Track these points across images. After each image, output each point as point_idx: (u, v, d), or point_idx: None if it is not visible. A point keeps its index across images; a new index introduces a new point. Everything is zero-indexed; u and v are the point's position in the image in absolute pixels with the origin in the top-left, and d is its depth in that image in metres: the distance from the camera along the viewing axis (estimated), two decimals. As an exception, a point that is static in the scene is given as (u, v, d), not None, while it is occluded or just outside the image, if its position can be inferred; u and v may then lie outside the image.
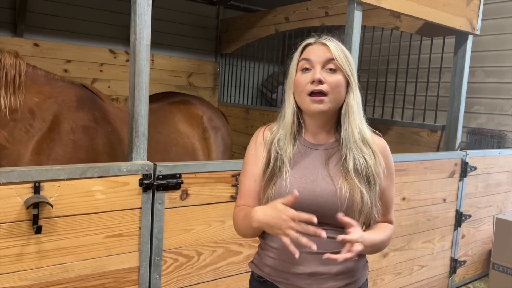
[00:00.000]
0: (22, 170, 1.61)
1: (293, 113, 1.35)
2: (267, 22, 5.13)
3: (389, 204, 1.41)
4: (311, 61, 1.30)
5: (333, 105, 1.29)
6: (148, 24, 1.89)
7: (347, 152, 1.29)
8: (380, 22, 3.92)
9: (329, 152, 1.34)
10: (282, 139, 1.35)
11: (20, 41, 4.52)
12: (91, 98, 2.39)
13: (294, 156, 1.34)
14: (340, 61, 1.29)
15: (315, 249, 1.13)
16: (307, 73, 1.30)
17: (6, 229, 1.60)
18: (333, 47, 1.30)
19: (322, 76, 1.27)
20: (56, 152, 2.07)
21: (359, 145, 1.29)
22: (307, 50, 1.34)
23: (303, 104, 1.31)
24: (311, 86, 1.27)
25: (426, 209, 3.16)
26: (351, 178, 1.27)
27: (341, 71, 1.30)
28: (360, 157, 1.28)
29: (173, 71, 5.65)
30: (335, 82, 1.28)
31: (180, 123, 2.93)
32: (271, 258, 1.35)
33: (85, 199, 1.75)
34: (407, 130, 3.93)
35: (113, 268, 1.87)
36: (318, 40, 1.34)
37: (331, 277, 1.29)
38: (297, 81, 1.32)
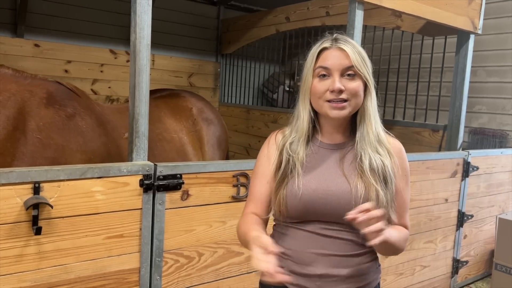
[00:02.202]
0: (22, 170, 1.60)
1: (309, 119, 1.33)
2: (268, 22, 5.12)
3: (404, 207, 1.37)
4: (329, 69, 1.26)
5: (353, 109, 1.28)
6: (149, 23, 1.88)
7: (362, 152, 1.28)
8: (381, 21, 3.91)
9: (344, 152, 1.33)
10: (295, 142, 1.34)
11: (21, 42, 4.51)
12: (64, 94, 2.29)
13: (307, 157, 1.32)
14: (359, 67, 1.26)
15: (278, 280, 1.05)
16: (325, 80, 1.27)
17: (5, 230, 1.59)
18: (351, 52, 1.26)
19: (342, 85, 1.24)
20: (21, 151, 2.00)
21: (375, 146, 1.28)
22: (323, 56, 1.29)
23: (321, 110, 1.29)
24: (330, 95, 1.25)
25: (428, 209, 3.14)
26: (366, 177, 1.25)
27: (359, 76, 1.27)
28: (376, 157, 1.27)
29: (174, 71, 5.64)
30: (355, 88, 1.26)
31: (167, 117, 2.86)
32: (281, 259, 1.30)
33: (85, 199, 1.74)
34: (409, 130, 3.92)
35: (113, 269, 1.86)
36: (334, 45, 1.29)
37: (341, 279, 1.27)
38: (315, 88, 1.28)
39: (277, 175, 1.33)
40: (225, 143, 3.29)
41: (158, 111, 2.82)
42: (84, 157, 2.24)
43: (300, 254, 1.29)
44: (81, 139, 2.27)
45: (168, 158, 2.66)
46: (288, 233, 1.33)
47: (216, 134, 3.15)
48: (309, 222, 1.29)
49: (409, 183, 1.37)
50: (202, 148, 3.02)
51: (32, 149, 2.07)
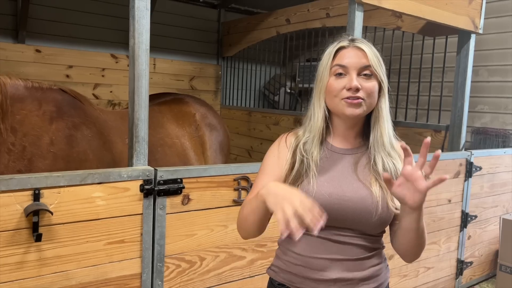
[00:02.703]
0: (21, 177, 1.60)
1: (323, 118, 1.32)
2: (268, 25, 5.12)
3: None
4: (346, 67, 1.26)
5: (368, 109, 1.28)
6: (147, 28, 1.88)
7: (375, 156, 1.28)
8: (382, 22, 3.90)
9: (357, 157, 1.32)
10: (309, 142, 1.33)
11: (22, 47, 4.54)
12: (70, 103, 2.33)
13: (320, 160, 1.31)
14: (376, 67, 1.27)
15: (316, 234, 1.07)
16: (342, 79, 1.26)
17: (6, 237, 1.58)
18: (369, 52, 1.27)
19: (358, 83, 1.24)
20: (37, 167, 2.03)
21: (388, 150, 1.29)
22: (340, 54, 1.29)
23: (336, 108, 1.28)
24: (346, 93, 1.25)
25: (431, 210, 3.12)
26: (380, 180, 1.25)
27: (375, 77, 1.28)
28: (388, 161, 1.28)
29: (175, 74, 5.65)
30: (370, 88, 1.26)
31: (169, 123, 2.87)
32: (293, 265, 1.31)
33: (86, 205, 1.74)
34: (411, 130, 3.90)
35: (114, 275, 1.85)
36: (352, 44, 1.30)
37: (356, 282, 1.27)
38: (331, 86, 1.28)
39: (289, 176, 1.30)
40: (227, 148, 3.29)
41: (161, 117, 2.83)
42: (91, 166, 2.26)
43: (313, 260, 1.27)
44: (88, 147, 2.30)
45: (170, 163, 2.66)
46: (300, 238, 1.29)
47: (218, 139, 3.16)
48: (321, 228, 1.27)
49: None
50: (205, 153, 3.03)
51: (47, 163, 2.10)
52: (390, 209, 1.24)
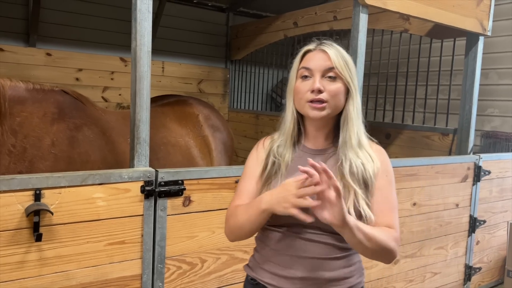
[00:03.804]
0: (23, 177, 1.62)
1: (293, 119, 1.37)
2: (276, 28, 5.13)
3: (387, 205, 1.34)
4: (311, 69, 1.31)
5: (333, 111, 1.31)
6: (149, 30, 1.89)
7: (344, 157, 1.31)
8: (389, 25, 3.88)
9: (326, 157, 1.36)
10: (282, 145, 1.38)
11: (33, 51, 4.60)
12: (72, 105, 2.35)
13: (292, 161, 1.36)
14: (340, 69, 1.30)
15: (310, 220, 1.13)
16: (307, 81, 1.31)
17: (7, 236, 1.60)
18: (333, 55, 1.30)
19: (321, 85, 1.28)
20: (38, 168, 2.05)
21: (356, 150, 1.31)
22: (307, 57, 1.34)
23: (303, 110, 1.32)
24: (310, 95, 1.29)
25: (438, 215, 3.08)
26: (346, 179, 1.28)
27: (341, 79, 1.31)
28: (357, 161, 1.30)
29: (184, 78, 5.68)
30: (334, 90, 1.29)
31: (172, 122, 2.88)
32: (263, 261, 1.35)
33: (86, 206, 1.75)
34: (418, 134, 3.86)
35: (115, 275, 1.86)
36: (318, 47, 1.34)
37: (322, 282, 1.28)
38: (297, 88, 1.33)
39: (262, 176, 1.37)
40: (231, 149, 3.29)
41: (163, 117, 2.84)
42: (92, 167, 2.27)
43: (281, 256, 1.30)
44: (89, 148, 2.31)
45: (173, 161, 2.67)
46: (271, 235, 1.34)
47: (222, 140, 3.16)
48: (292, 225, 1.30)
49: (393, 184, 1.37)
50: (211, 154, 3.03)
51: (48, 164, 2.11)
52: (352, 211, 1.24)
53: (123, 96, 5.21)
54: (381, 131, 4.19)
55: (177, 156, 2.71)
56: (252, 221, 1.28)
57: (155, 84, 5.34)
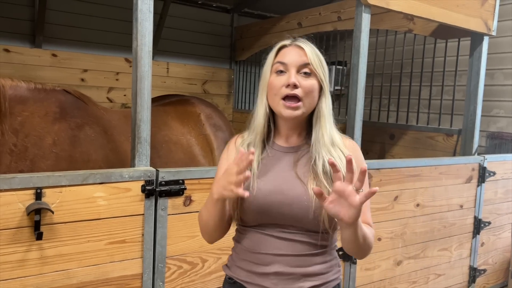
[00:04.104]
0: (24, 176, 1.63)
1: (265, 115, 1.34)
2: (280, 28, 5.12)
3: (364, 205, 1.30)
4: (286, 64, 1.29)
5: (307, 110, 1.30)
6: (150, 30, 1.90)
7: (317, 155, 1.28)
8: (393, 25, 3.86)
9: (298, 155, 1.33)
10: (252, 143, 1.35)
11: (39, 52, 4.64)
12: (73, 104, 2.36)
13: (263, 160, 1.34)
14: (315, 66, 1.29)
15: (247, 195, 1.13)
16: (282, 76, 1.29)
17: (8, 235, 1.62)
18: (309, 51, 1.29)
19: (297, 80, 1.26)
20: (39, 167, 2.06)
21: (329, 148, 1.29)
22: (282, 52, 1.32)
23: (276, 107, 1.30)
24: (285, 90, 1.27)
25: (441, 216, 3.06)
26: (319, 179, 1.25)
27: (315, 76, 1.30)
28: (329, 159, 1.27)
29: (188, 78, 5.69)
30: (309, 87, 1.28)
31: (174, 121, 2.89)
32: (240, 260, 1.34)
33: (87, 205, 1.76)
34: (422, 134, 3.83)
35: (115, 274, 1.87)
36: (294, 43, 1.33)
37: (297, 277, 1.27)
38: (271, 83, 1.30)
39: None
40: None
41: (165, 115, 2.85)
42: (94, 166, 2.28)
43: (258, 255, 1.29)
44: (91, 147, 2.32)
45: (174, 159, 2.68)
46: (247, 235, 1.33)
47: (224, 140, 3.16)
48: (266, 225, 1.29)
49: (367, 182, 1.31)
50: (212, 153, 3.03)
51: (50, 163, 2.13)
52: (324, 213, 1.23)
53: (128, 97, 5.23)
54: (385, 131, 4.17)
55: (179, 154, 2.71)
56: (212, 214, 1.28)
57: (160, 85, 5.36)
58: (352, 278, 2.65)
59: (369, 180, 2.62)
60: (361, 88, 2.60)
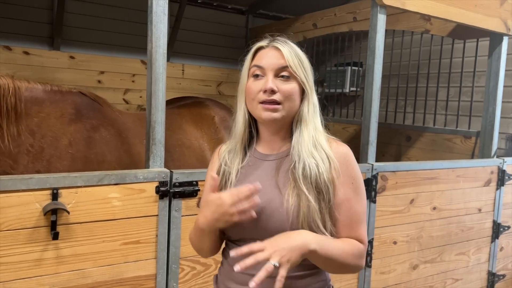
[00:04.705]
0: (41, 177, 1.65)
1: (244, 121, 1.27)
2: (295, 30, 5.11)
3: (355, 218, 1.21)
4: (263, 68, 1.21)
5: (287, 113, 1.21)
6: (164, 32, 1.91)
7: (297, 158, 1.19)
8: (410, 25, 3.81)
9: (279, 162, 1.24)
10: (232, 150, 1.30)
11: (57, 54, 4.72)
12: (89, 106, 2.38)
13: (242, 168, 1.27)
14: (294, 68, 1.20)
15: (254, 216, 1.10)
16: (259, 80, 1.21)
17: (25, 234, 1.64)
18: (287, 53, 1.20)
19: (274, 85, 1.18)
20: (55, 167, 2.09)
21: (310, 150, 1.19)
22: (259, 55, 1.24)
23: (255, 111, 1.22)
24: (263, 96, 1.19)
25: (459, 219, 3.00)
26: (298, 186, 1.16)
27: (295, 79, 1.22)
28: (310, 162, 1.18)
29: (203, 80, 5.72)
30: (288, 91, 1.20)
31: (188, 124, 2.90)
32: (224, 276, 1.29)
33: (102, 206, 1.78)
34: (439, 136, 3.77)
35: (130, 275, 1.88)
36: (270, 44, 1.24)
37: None
38: (249, 88, 1.22)
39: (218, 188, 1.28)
40: None
41: (179, 118, 2.87)
42: (108, 167, 2.31)
43: (238, 274, 1.19)
44: (106, 149, 2.35)
45: (187, 164, 2.69)
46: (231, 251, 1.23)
47: None
48: (247, 240, 1.19)
49: (361, 192, 1.23)
50: None
51: (65, 163, 2.16)
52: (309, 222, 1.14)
53: (144, 98, 5.28)
54: (401, 133, 4.11)
55: (192, 159, 2.73)
56: (206, 242, 1.25)
57: (175, 86, 5.40)
58: (367, 281, 2.62)
59: (385, 182, 2.59)
60: (377, 89, 2.57)
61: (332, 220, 1.19)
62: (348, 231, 1.20)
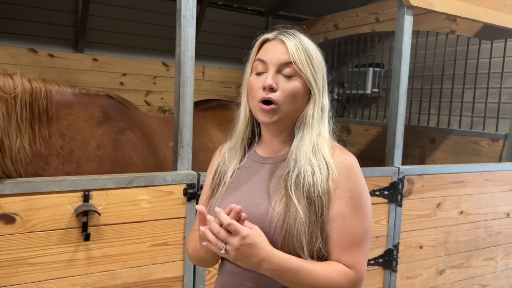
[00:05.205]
0: (73, 179, 1.68)
1: (246, 119, 1.19)
2: (316, 31, 5.08)
3: (350, 239, 1.05)
4: (266, 63, 1.10)
5: (286, 115, 1.10)
6: (193, 36, 1.92)
7: (292, 164, 1.09)
8: (435, 26, 3.75)
9: (276, 166, 1.14)
10: (232, 148, 1.22)
11: (81, 57, 4.80)
12: (116, 108, 2.41)
13: (238, 170, 1.19)
14: (300, 65, 1.08)
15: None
16: (261, 76, 1.11)
17: (58, 235, 1.67)
18: (293, 47, 1.08)
19: (275, 83, 1.07)
20: (84, 169, 2.12)
21: (309, 157, 1.08)
22: (263, 48, 1.14)
23: (254, 111, 1.13)
24: (262, 93, 1.08)
25: (486, 224, 2.94)
26: (288, 194, 1.05)
27: (300, 77, 1.10)
28: (306, 170, 1.06)
29: (223, 82, 5.74)
30: (289, 90, 1.08)
31: (212, 128, 2.90)
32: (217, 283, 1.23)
33: (131, 208, 1.80)
34: (465, 139, 3.70)
35: (158, 276, 1.90)
36: (277, 36, 1.13)
37: None
38: (250, 84, 1.13)
39: (211, 187, 1.22)
40: None
41: (204, 122, 2.88)
42: (135, 169, 2.33)
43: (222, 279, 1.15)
44: (132, 151, 2.37)
45: None
46: (222, 263, 1.18)
47: None
48: None
49: (360, 210, 1.07)
50: None
51: (94, 165, 2.19)
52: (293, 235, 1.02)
53: (165, 100, 5.33)
54: (425, 135, 4.05)
55: None
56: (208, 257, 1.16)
57: (196, 88, 5.37)
58: (392, 286, 2.59)
59: (411, 186, 2.55)
60: (403, 91, 2.54)
61: (323, 236, 1.05)
62: (338, 253, 1.05)
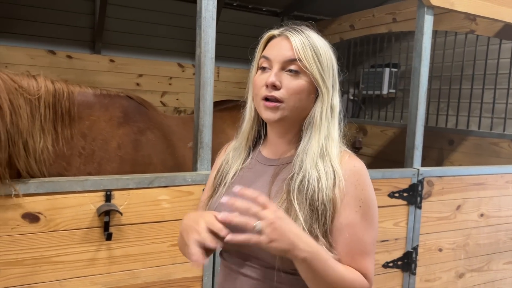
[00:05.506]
0: (95, 179, 1.70)
1: (251, 119, 1.17)
2: (332, 31, 5.06)
3: (358, 248, 1.02)
4: (270, 60, 1.07)
5: (291, 114, 1.07)
6: (213, 37, 1.93)
7: (297, 168, 1.05)
8: (453, 26, 3.70)
9: (279, 168, 1.11)
10: (237, 148, 1.20)
11: (98, 58, 4.86)
12: (136, 109, 2.42)
13: (242, 170, 1.16)
14: (305, 62, 1.04)
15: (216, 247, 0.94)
16: (265, 74, 1.08)
17: (80, 234, 1.69)
18: (298, 43, 1.05)
19: (278, 80, 1.04)
20: (105, 169, 2.14)
21: (316, 161, 1.04)
22: (269, 45, 1.11)
23: (258, 109, 1.11)
24: (264, 91, 1.06)
25: (508, 227, 2.89)
26: (290, 199, 1.01)
27: (305, 74, 1.06)
28: (312, 175, 1.02)
29: (238, 82, 5.76)
30: (293, 88, 1.05)
31: (229, 128, 2.91)
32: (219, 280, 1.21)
33: (152, 207, 1.81)
34: (485, 140, 3.64)
35: (177, 276, 1.90)
36: (282, 33, 1.10)
37: None
38: (254, 81, 1.10)
39: (213, 185, 1.20)
40: None
41: (221, 122, 2.89)
42: (155, 169, 2.35)
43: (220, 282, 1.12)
44: (152, 151, 2.39)
45: None
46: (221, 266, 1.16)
47: None
48: (230, 254, 1.10)
49: (370, 219, 1.04)
50: None
51: (115, 166, 2.21)
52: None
53: (181, 101, 5.37)
54: (443, 137, 4.00)
55: None
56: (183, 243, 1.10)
57: (211, 88, 5.44)
58: (411, 289, 2.56)
59: (431, 188, 2.52)
60: (423, 92, 2.51)
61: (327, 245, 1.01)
62: (348, 262, 1.02)
